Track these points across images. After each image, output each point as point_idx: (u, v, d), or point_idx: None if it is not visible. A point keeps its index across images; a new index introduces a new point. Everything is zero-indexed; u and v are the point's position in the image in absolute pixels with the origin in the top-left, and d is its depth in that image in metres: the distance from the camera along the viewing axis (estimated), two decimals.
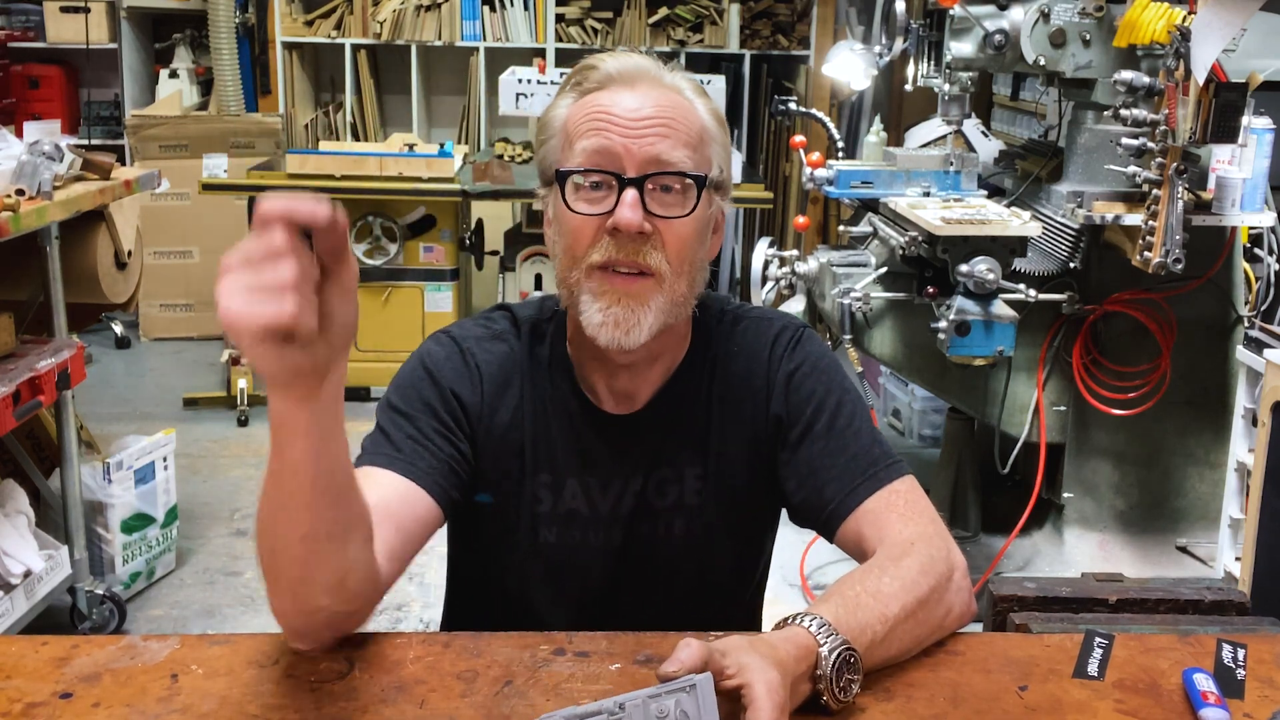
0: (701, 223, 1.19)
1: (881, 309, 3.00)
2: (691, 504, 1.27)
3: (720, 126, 1.23)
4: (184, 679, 1.03)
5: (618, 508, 1.27)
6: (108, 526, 2.97)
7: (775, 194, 5.22)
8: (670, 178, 1.15)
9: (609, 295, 1.16)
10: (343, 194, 4.23)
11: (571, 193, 1.17)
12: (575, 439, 1.27)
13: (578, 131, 1.17)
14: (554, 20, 5.42)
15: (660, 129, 1.15)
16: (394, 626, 2.93)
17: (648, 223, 1.14)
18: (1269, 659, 1.10)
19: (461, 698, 1.00)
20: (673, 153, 1.15)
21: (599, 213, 1.15)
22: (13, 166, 2.58)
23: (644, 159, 1.14)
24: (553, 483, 1.27)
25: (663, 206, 1.15)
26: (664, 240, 1.16)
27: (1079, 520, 3.16)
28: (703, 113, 1.21)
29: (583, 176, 1.16)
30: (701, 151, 1.18)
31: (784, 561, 3.20)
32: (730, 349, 1.29)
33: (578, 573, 1.28)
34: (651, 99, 1.17)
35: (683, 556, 1.28)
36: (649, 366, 1.25)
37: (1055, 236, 2.99)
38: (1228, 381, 3.04)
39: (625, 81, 1.18)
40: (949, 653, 1.10)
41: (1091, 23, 2.84)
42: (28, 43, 5.55)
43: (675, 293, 1.17)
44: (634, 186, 1.14)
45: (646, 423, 1.27)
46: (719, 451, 1.28)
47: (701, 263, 1.21)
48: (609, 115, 1.16)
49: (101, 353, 5.08)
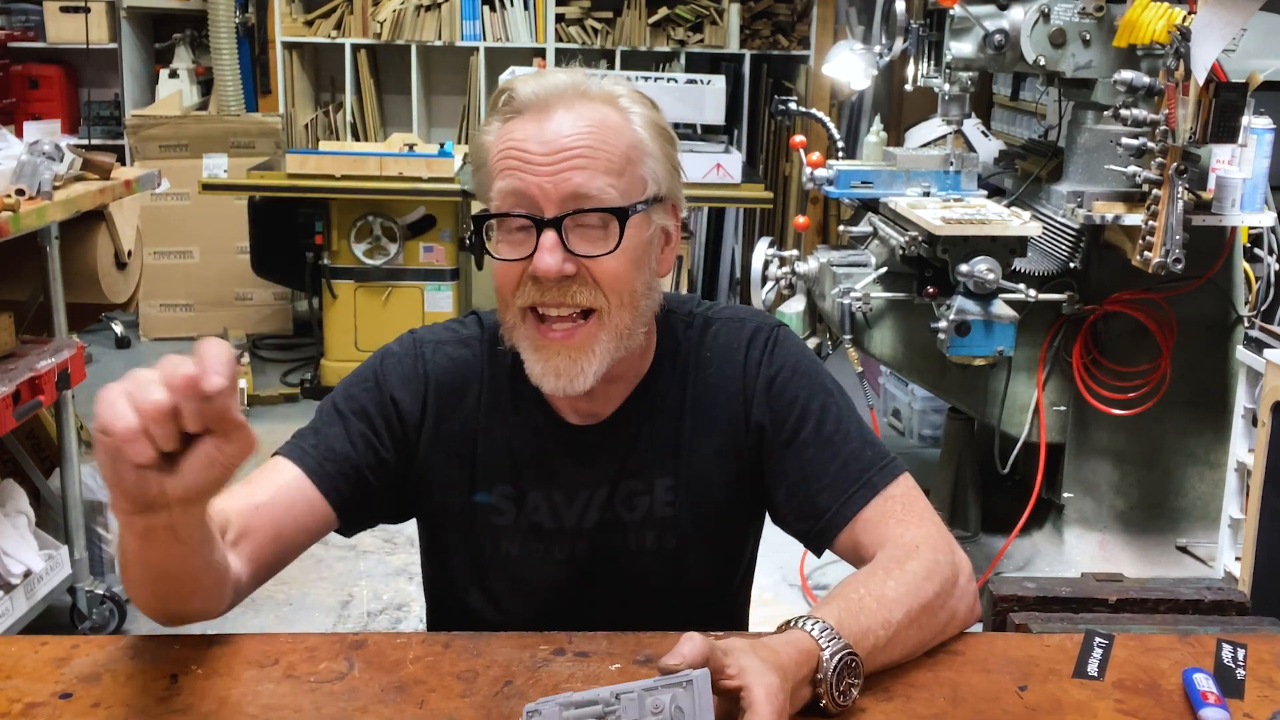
0: (636, 250, 1.12)
1: (881, 309, 2.99)
2: (663, 516, 1.24)
3: (661, 137, 1.15)
4: (184, 679, 1.03)
5: (583, 520, 1.23)
6: (108, 526, 2.97)
7: (775, 194, 5.22)
8: (590, 214, 1.09)
9: (547, 349, 1.12)
10: (343, 194, 4.24)
11: (496, 237, 1.12)
12: (538, 450, 1.23)
13: (495, 169, 1.12)
14: (554, 20, 5.42)
15: (576, 160, 1.08)
16: (394, 626, 2.93)
17: (569, 264, 1.09)
18: (1269, 659, 1.10)
19: (461, 698, 1.00)
20: (591, 184, 1.08)
21: (520, 257, 1.11)
22: (13, 166, 2.58)
23: (561, 196, 1.08)
24: (514, 495, 1.23)
25: (587, 243, 1.10)
26: (594, 276, 1.10)
27: (1079, 520, 3.16)
28: (638, 125, 1.13)
29: (499, 221, 1.12)
30: (630, 173, 1.11)
31: (784, 561, 3.20)
32: (702, 355, 1.25)
33: (542, 586, 1.25)
34: (568, 125, 1.09)
35: (654, 569, 1.25)
36: (608, 386, 1.20)
37: (1055, 236, 2.99)
38: (1228, 381, 3.04)
39: (539, 107, 1.10)
40: (949, 653, 1.10)
41: (1091, 23, 2.84)
42: (28, 43, 5.54)
43: (619, 325, 1.12)
44: (552, 228, 1.08)
45: (612, 434, 1.23)
46: (692, 461, 1.24)
47: (645, 286, 1.15)
48: (521, 152, 1.09)
49: (101, 353, 5.08)
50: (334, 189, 4.22)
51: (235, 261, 5.08)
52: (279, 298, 5.28)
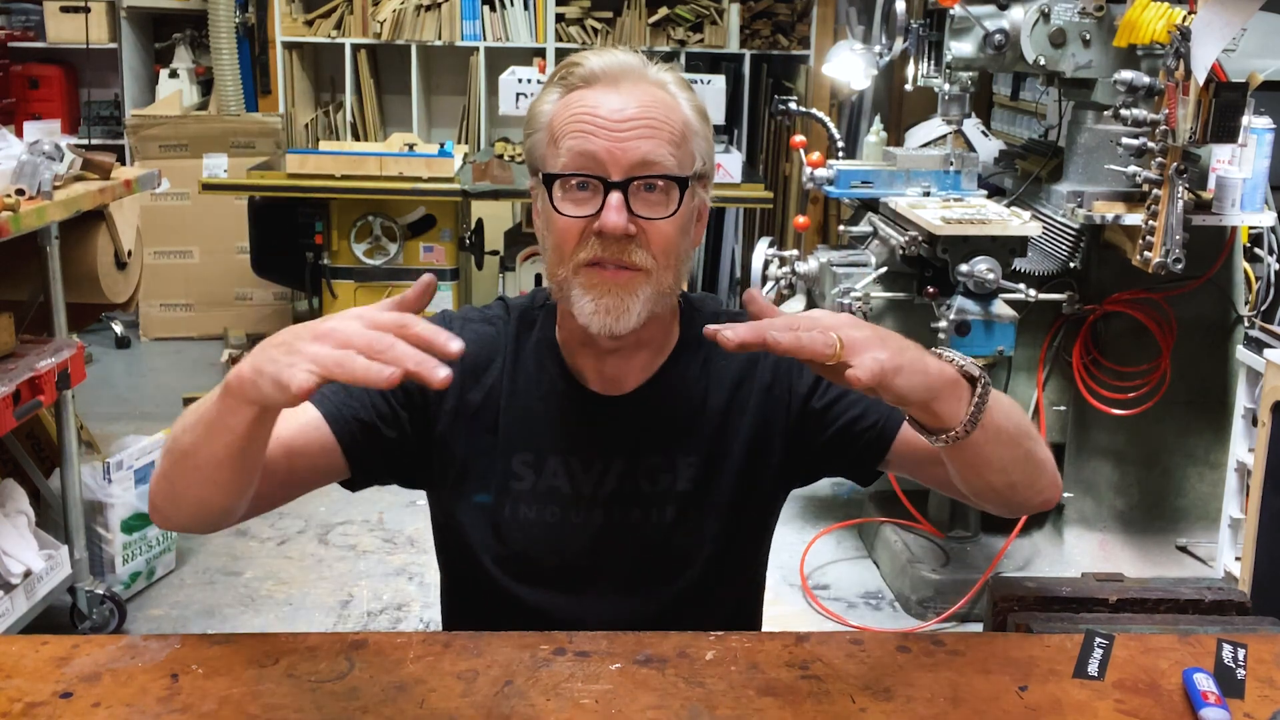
0: (685, 219, 1.21)
1: (881, 309, 3.00)
2: (684, 490, 1.28)
3: (703, 119, 1.24)
4: (184, 679, 1.03)
5: (600, 488, 1.28)
6: (108, 526, 2.97)
7: (775, 194, 5.22)
8: (654, 180, 1.17)
9: (599, 288, 1.18)
10: (343, 194, 4.24)
11: (558, 195, 1.19)
12: (559, 418, 1.28)
13: (563, 131, 1.18)
14: (554, 20, 5.42)
15: (643, 129, 1.17)
16: (394, 626, 2.93)
17: (632, 224, 1.16)
18: (1269, 659, 1.10)
19: (461, 698, 1.00)
20: (656, 153, 1.17)
21: (585, 214, 1.17)
22: (13, 166, 2.58)
23: (628, 162, 1.16)
24: (534, 461, 1.28)
25: (647, 207, 1.17)
26: (649, 239, 1.18)
27: (1079, 520, 3.16)
28: (686, 108, 1.22)
29: (563, 180, 1.18)
30: (684, 148, 1.20)
31: (784, 561, 3.20)
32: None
33: (558, 551, 1.29)
34: (635, 98, 1.18)
35: (673, 542, 1.29)
36: (635, 352, 1.27)
37: (1055, 236, 2.99)
38: (1228, 381, 3.04)
39: (609, 80, 1.19)
40: (949, 653, 1.10)
41: (1091, 23, 2.85)
42: (28, 43, 5.54)
43: (662, 284, 1.20)
44: (619, 189, 1.16)
45: (634, 406, 1.28)
46: (716, 442, 1.29)
47: (686, 253, 1.24)
48: (593, 117, 1.17)
49: (101, 353, 5.08)
50: (334, 189, 4.22)
51: (235, 261, 5.08)
52: (279, 298, 5.28)
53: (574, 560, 1.29)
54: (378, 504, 3.52)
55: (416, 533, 3.38)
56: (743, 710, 1.00)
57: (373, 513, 3.49)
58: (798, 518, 3.52)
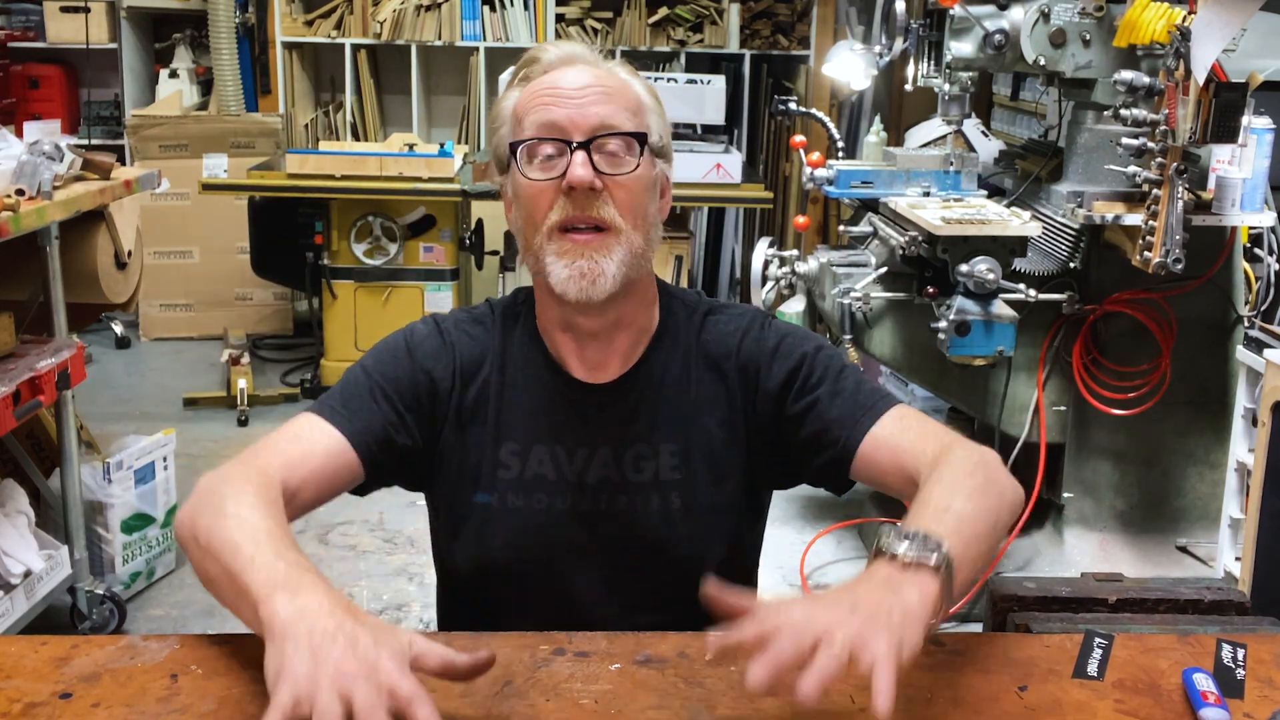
0: (647, 180, 1.28)
1: (881, 309, 2.99)
2: (668, 479, 1.31)
3: (655, 100, 1.33)
4: (184, 679, 1.03)
5: (585, 475, 1.30)
6: (108, 526, 2.97)
7: (775, 194, 5.22)
8: (614, 139, 1.25)
9: (571, 252, 1.24)
10: (342, 194, 4.24)
11: (526, 163, 1.26)
12: (543, 405, 1.32)
13: (526, 109, 1.27)
14: (554, 20, 5.42)
15: (600, 95, 1.26)
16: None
17: (598, 180, 1.23)
18: (1269, 659, 1.10)
19: (461, 698, 1.00)
20: (614, 116, 1.25)
21: (553, 177, 1.24)
22: (13, 166, 2.58)
23: (588, 125, 1.24)
24: (520, 450, 1.31)
25: (610, 164, 1.25)
26: (614, 196, 1.25)
27: (1079, 520, 3.16)
28: (637, 86, 1.31)
29: (529, 152, 1.25)
30: (640, 118, 1.29)
31: (784, 561, 3.20)
32: (703, 338, 1.36)
33: (545, 540, 1.31)
34: (589, 74, 1.28)
35: (659, 531, 1.31)
36: (614, 334, 1.31)
37: (1055, 236, 2.99)
38: (1228, 381, 3.04)
39: (565, 62, 1.28)
40: (949, 652, 1.10)
41: (1091, 23, 2.84)
42: (28, 43, 5.54)
43: (633, 245, 1.25)
44: (582, 149, 1.23)
45: (617, 394, 1.32)
46: (696, 431, 1.32)
47: (654, 219, 1.30)
48: (553, 90, 1.26)
49: (101, 353, 5.08)
50: (334, 189, 4.22)
51: (235, 261, 5.08)
52: (279, 298, 5.28)
53: (562, 548, 1.31)
54: (378, 504, 3.52)
55: (416, 533, 3.38)
56: (743, 710, 1.00)
57: (373, 513, 3.49)
58: (798, 518, 3.52)
